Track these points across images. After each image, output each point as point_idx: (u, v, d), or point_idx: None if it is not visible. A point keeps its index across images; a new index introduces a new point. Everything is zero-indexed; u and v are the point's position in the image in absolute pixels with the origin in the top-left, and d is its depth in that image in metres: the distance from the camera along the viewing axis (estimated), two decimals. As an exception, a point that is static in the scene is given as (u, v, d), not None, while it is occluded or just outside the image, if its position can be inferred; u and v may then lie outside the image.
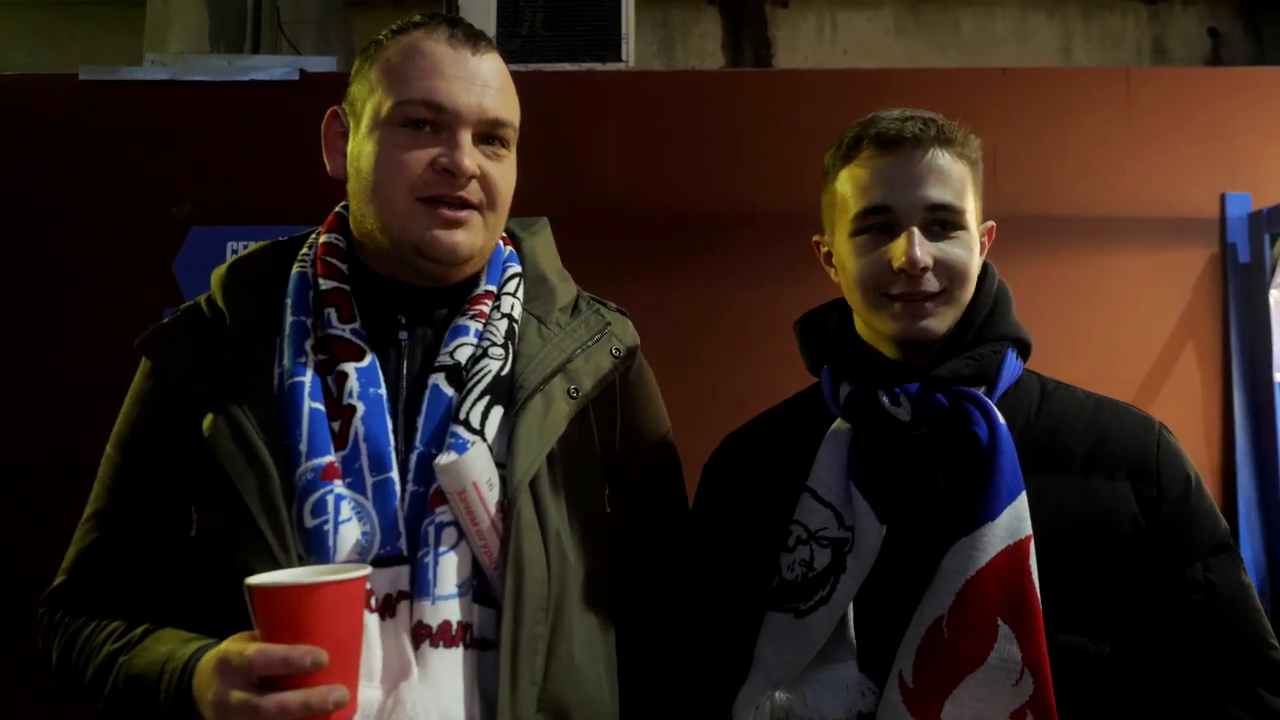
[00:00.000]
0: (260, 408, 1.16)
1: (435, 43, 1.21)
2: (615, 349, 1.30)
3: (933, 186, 1.19)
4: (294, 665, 0.94)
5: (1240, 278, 2.95)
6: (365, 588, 1.03)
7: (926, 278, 1.19)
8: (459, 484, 1.12)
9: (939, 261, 1.19)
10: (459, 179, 1.19)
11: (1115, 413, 1.25)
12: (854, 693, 1.14)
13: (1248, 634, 1.16)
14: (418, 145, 1.19)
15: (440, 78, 1.19)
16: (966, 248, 1.21)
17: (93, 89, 2.99)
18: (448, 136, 1.19)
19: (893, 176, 1.20)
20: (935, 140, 1.20)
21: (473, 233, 1.22)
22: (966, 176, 1.22)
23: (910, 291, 1.19)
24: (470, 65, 1.21)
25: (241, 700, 0.96)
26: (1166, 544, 1.16)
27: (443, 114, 1.19)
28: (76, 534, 1.25)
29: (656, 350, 2.90)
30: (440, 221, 1.19)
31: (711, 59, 4.92)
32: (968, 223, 1.22)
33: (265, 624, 0.98)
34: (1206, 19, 4.97)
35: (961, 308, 1.23)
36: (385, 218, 1.20)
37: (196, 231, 2.90)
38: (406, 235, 1.20)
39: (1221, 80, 3.09)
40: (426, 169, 1.18)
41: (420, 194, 1.19)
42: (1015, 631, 1.09)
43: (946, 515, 1.17)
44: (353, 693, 0.98)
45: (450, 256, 1.21)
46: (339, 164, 1.27)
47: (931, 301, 1.20)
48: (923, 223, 1.20)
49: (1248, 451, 2.89)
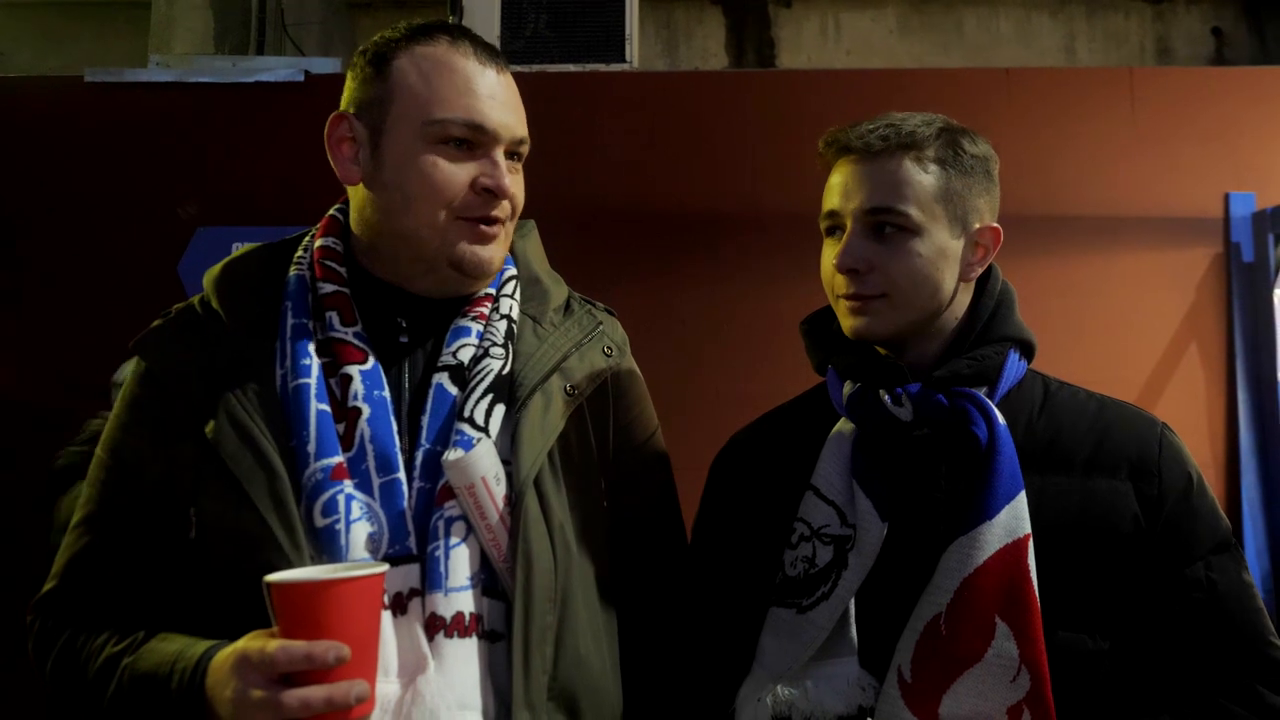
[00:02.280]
0: (264, 409, 1.16)
1: (464, 58, 1.22)
2: (607, 347, 1.33)
3: (874, 191, 1.21)
4: (317, 661, 0.94)
5: (1244, 277, 2.95)
6: (383, 584, 1.03)
7: (866, 279, 1.21)
8: (467, 479, 1.13)
9: (878, 265, 1.21)
10: (500, 199, 1.21)
11: (1118, 412, 1.25)
12: (854, 687, 1.15)
13: (1248, 632, 1.16)
14: (458, 162, 1.20)
15: (476, 97, 1.21)
16: (913, 254, 1.21)
17: (98, 91, 3.00)
18: (483, 155, 1.21)
19: (844, 183, 1.24)
20: (895, 148, 1.22)
21: (501, 246, 1.26)
22: (930, 183, 1.22)
23: (849, 292, 1.23)
24: (497, 84, 1.24)
25: (263, 697, 0.96)
26: (1168, 543, 1.17)
27: (483, 134, 1.21)
28: (67, 538, 1.23)
29: (662, 350, 2.91)
30: (477, 237, 1.22)
31: (715, 59, 4.93)
32: (920, 227, 1.21)
33: (285, 620, 0.98)
34: (1210, 18, 4.97)
35: (918, 311, 1.24)
36: (423, 232, 1.21)
37: (202, 232, 2.91)
38: (444, 250, 1.21)
39: (1225, 80, 3.09)
40: (467, 189, 1.20)
41: (460, 213, 1.21)
42: (1013, 628, 1.10)
43: (947, 514, 1.18)
44: (372, 688, 0.98)
45: (484, 270, 1.24)
46: (351, 171, 1.25)
47: (873, 303, 1.22)
48: (862, 226, 1.22)
49: (1251, 450, 2.90)
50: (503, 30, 3.06)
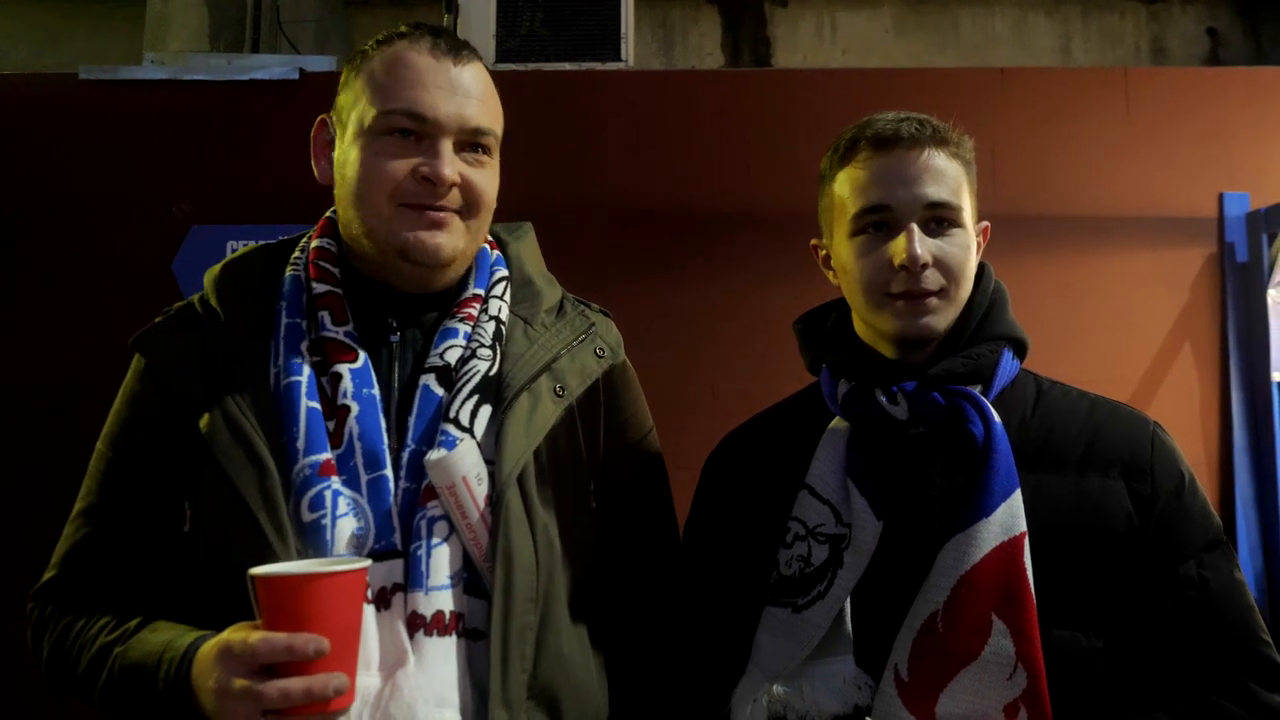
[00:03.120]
0: (257, 406, 1.18)
1: (418, 53, 1.24)
2: (599, 349, 1.34)
3: (930, 184, 1.21)
4: (297, 653, 0.96)
5: (1238, 277, 2.96)
6: (366, 579, 1.06)
7: (926, 275, 1.20)
8: (448, 479, 1.15)
9: (938, 259, 1.21)
10: (439, 188, 1.22)
11: (1110, 412, 1.26)
12: (850, 686, 1.15)
13: (1240, 630, 1.17)
14: (400, 154, 1.22)
15: (422, 88, 1.22)
16: (963, 246, 1.23)
17: (93, 88, 3.00)
18: (429, 145, 1.22)
19: (890, 175, 1.21)
20: (930, 140, 1.22)
21: (454, 235, 1.25)
22: (962, 176, 1.24)
23: (911, 289, 1.20)
24: (452, 75, 1.24)
25: (244, 687, 0.97)
26: (1160, 541, 1.17)
27: (424, 124, 1.22)
28: (66, 529, 1.27)
29: (657, 350, 2.92)
30: (423, 224, 1.22)
31: (711, 58, 4.93)
32: (964, 221, 1.23)
33: (268, 613, 1.00)
34: (1205, 19, 4.98)
35: (960, 306, 1.25)
36: (369, 223, 1.23)
37: (196, 230, 2.91)
38: (391, 239, 1.23)
39: (1219, 80, 3.10)
40: (408, 176, 1.21)
41: (401, 200, 1.22)
42: (1009, 626, 1.11)
43: (943, 512, 1.18)
44: (351, 682, 1.00)
45: (433, 258, 1.23)
46: (326, 170, 1.30)
47: (932, 299, 1.21)
48: (921, 220, 1.21)
49: (1245, 450, 2.91)
50: (498, 28, 3.06)
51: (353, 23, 4.68)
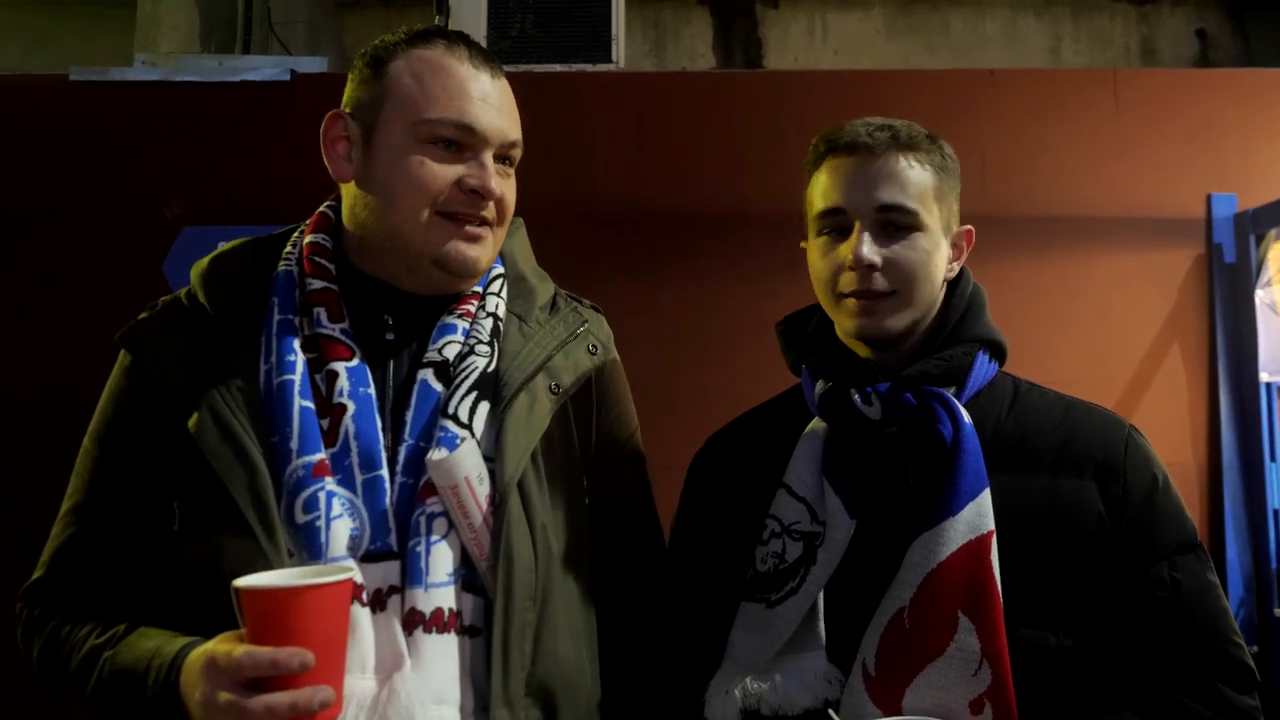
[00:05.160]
0: (247, 405, 1.17)
1: (459, 62, 1.24)
2: (592, 345, 1.34)
3: (885, 188, 1.23)
4: (281, 667, 0.96)
5: (1226, 278, 2.97)
6: (350, 590, 1.05)
7: (876, 277, 1.23)
8: (451, 479, 1.15)
9: (889, 261, 1.23)
10: (486, 200, 1.23)
11: (1085, 414, 1.27)
12: (821, 681, 1.17)
13: (1211, 631, 1.18)
14: (445, 162, 1.22)
15: (468, 99, 1.22)
16: (921, 250, 1.24)
17: (83, 90, 2.99)
18: (472, 157, 1.23)
19: (848, 180, 1.24)
20: (894, 146, 1.24)
21: (488, 248, 1.27)
22: (928, 181, 1.25)
23: (861, 289, 1.23)
24: (491, 88, 1.25)
25: (229, 701, 0.97)
26: (1132, 543, 1.19)
27: (472, 136, 1.22)
28: (54, 529, 1.26)
29: (648, 350, 2.92)
30: (463, 236, 1.23)
31: (702, 59, 4.94)
32: (925, 225, 1.24)
33: (252, 625, 0.99)
34: (1195, 20, 5.00)
35: (921, 309, 1.26)
36: (404, 228, 1.22)
37: (187, 232, 2.90)
38: (427, 247, 1.22)
39: (1208, 81, 3.12)
40: (452, 187, 1.22)
41: (442, 209, 1.22)
42: (975, 623, 1.12)
43: (915, 511, 1.19)
44: (338, 692, 1.00)
45: (469, 270, 1.25)
46: (344, 168, 1.27)
47: (884, 300, 1.23)
48: (873, 223, 1.23)
49: (1234, 450, 2.92)
50: (489, 30, 3.06)
51: (343, 24, 4.68)
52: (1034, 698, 1.13)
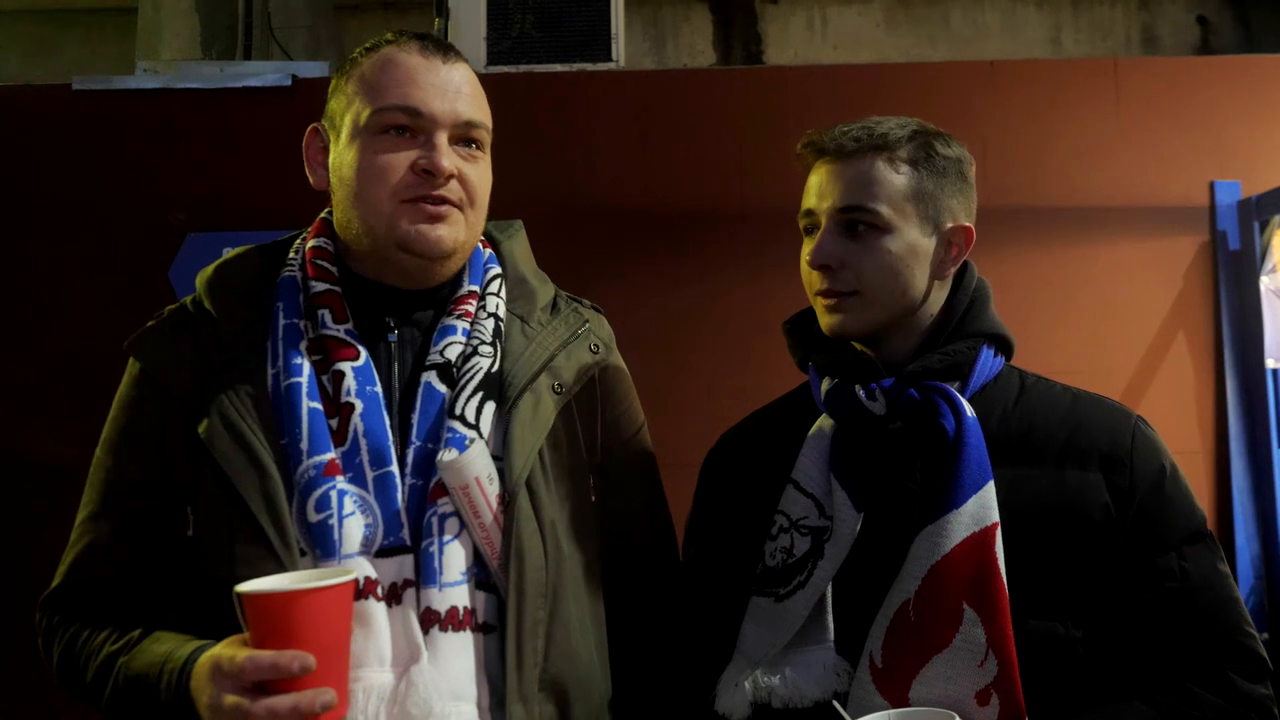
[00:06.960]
0: (257, 408, 1.19)
1: (408, 54, 1.26)
2: (594, 344, 1.36)
3: (847, 191, 1.25)
4: (282, 670, 0.98)
5: (1230, 265, 2.97)
6: (352, 593, 1.07)
7: (838, 277, 1.25)
8: (462, 480, 1.16)
9: (850, 262, 1.24)
10: (438, 178, 1.23)
11: (1092, 406, 1.27)
12: (830, 673, 1.18)
13: (1222, 621, 1.18)
14: (397, 149, 1.23)
15: (415, 85, 1.24)
16: (884, 251, 1.24)
17: (86, 99, 3.00)
18: (425, 140, 1.24)
19: (820, 183, 1.28)
20: (868, 148, 1.25)
21: (455, 227, 1.26)
22: (902, 183, 1.25)
23: (823, 289, 1.26)
24: (442, 73, 1.26)
25: (234, 704, 1.00)
26: (1140, 533, 1.19)
27: (419, 118, 1.23)
28: (71, 537, 1.27)
29: (652, 349, 2.92)
30: (423, 216, 1.23)
31: (702, 56, 4.94)
32: (892, 226, 1.24)
33: (254, 630, 1.01)
34: (1195, 7, 4.99)
35: (889, 309, 1.26)
36: (370, 220, 1.24)
37: (192, 239, 2.92)
38: (392, 233, 1.23)
39: (1209, 69, 3.11)
40: (407, 171, 1.23)
41: (402, 196, 1.23)
42: (980, 614, 1.13)
43: (920, 505, 1.20)
44: (342, 694, 1.01)
45: (434, 250, 1.24)
46: (321, 176, 1.32)
47: (845, 299, 1.25)
48: (835, 224, 1.26)
49: (1241, 438, 2.92)
50: (489, 31, 3.06)
51: (344, 28, 4.69)
52: (1044, 688, 1.13)
